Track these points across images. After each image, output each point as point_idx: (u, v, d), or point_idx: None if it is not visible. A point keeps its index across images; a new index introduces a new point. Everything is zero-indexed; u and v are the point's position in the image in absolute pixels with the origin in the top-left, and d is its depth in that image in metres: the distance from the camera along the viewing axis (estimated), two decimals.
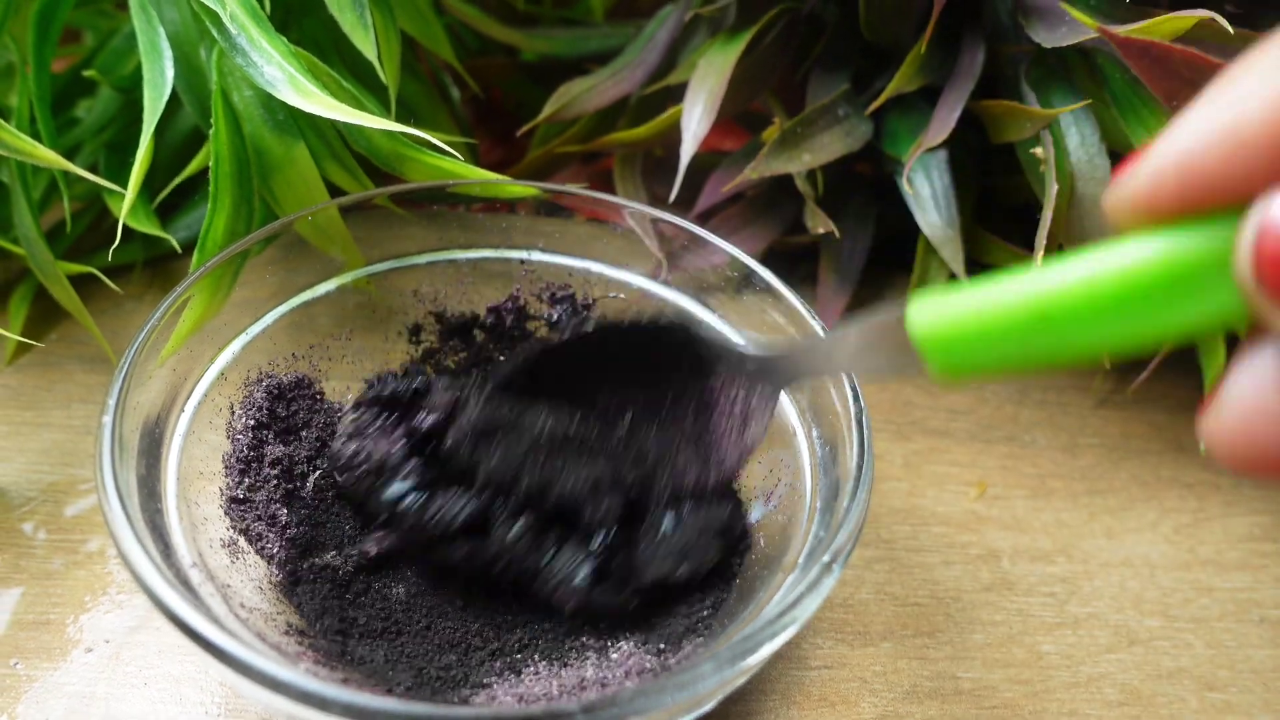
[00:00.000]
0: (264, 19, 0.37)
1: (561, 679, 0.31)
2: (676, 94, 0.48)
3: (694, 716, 0.30)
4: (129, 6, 0.40)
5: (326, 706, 0.24)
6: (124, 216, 0.38)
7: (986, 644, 0.38)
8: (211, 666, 0.29)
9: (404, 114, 0.49)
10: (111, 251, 0.41)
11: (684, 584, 0.34)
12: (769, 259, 0.42)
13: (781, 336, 0.33)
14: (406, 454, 0.35)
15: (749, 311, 0.38)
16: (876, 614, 0.38)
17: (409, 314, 0.41)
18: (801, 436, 0.36)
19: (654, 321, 0.34)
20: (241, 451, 0.36)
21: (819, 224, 0.46)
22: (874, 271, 0.52)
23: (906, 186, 0.44)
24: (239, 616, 0.30)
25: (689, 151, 0.45)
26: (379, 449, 0.35)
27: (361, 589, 0.35)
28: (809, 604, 0.28)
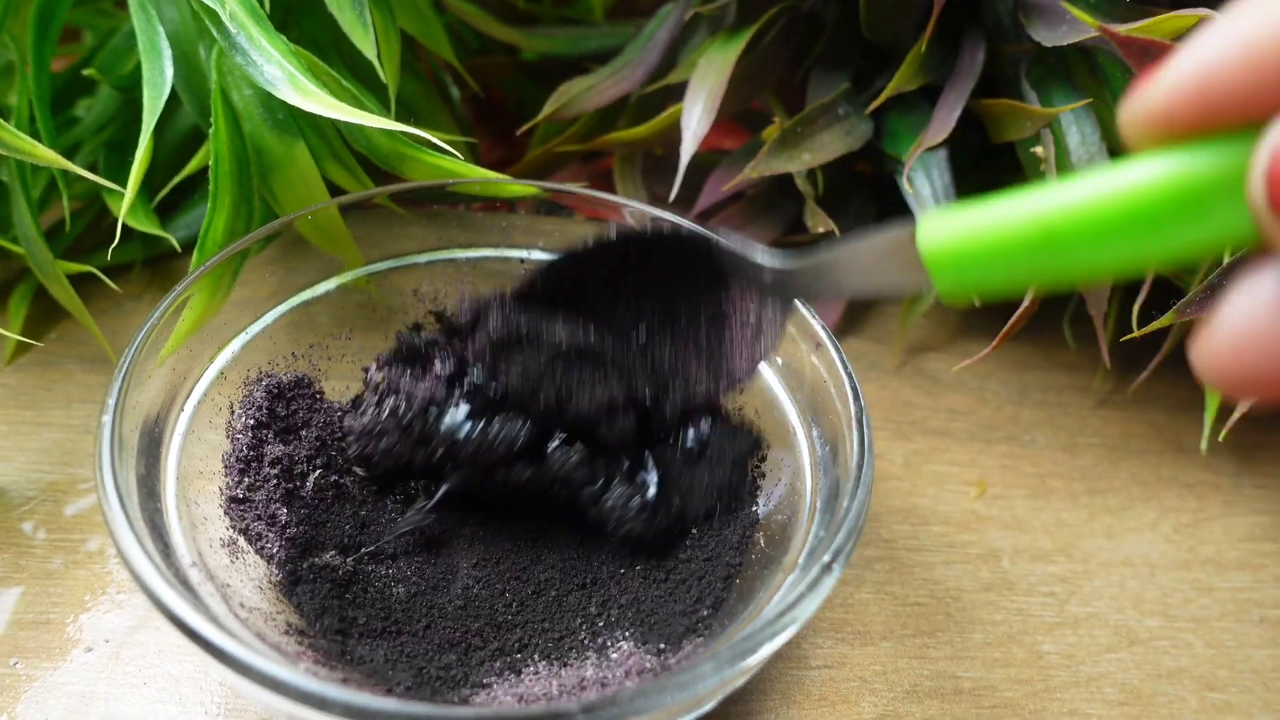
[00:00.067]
0: (263, 18, 0.37)
1: (561, 679, 0.31)
2: (676, 93, 0.48)
3: (694, 716, 0.30)
4: (128, 5, 0.40)
5: (326, 706, 0.24)
6: (123, 215, 0.38)
7: (986, 643, 0.38)
8: (211, 666, 0.29)
9: (404, 113, 0.49)
10: (111, 251, 0.41)
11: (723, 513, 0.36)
12: None
13: (796, 252, 0.33)
14: (449, 388, 0.35)
15: None
16: (876, 614, 0.38)
17: (409, 313, 0.41)
18: (801, 436, 0.36)
19: (674, 231, 0.34)
20: (241, 451, 0.36)
21: (819, 223, 0.46)
22: None
23: (907, 186, 0.44)
24: (239, 616, 0.30)
25: (689, 150, 0.45)
26: (419, 391, 0.35)
27: (361, 589, 0.35)
28: (809, 604, 0.28)
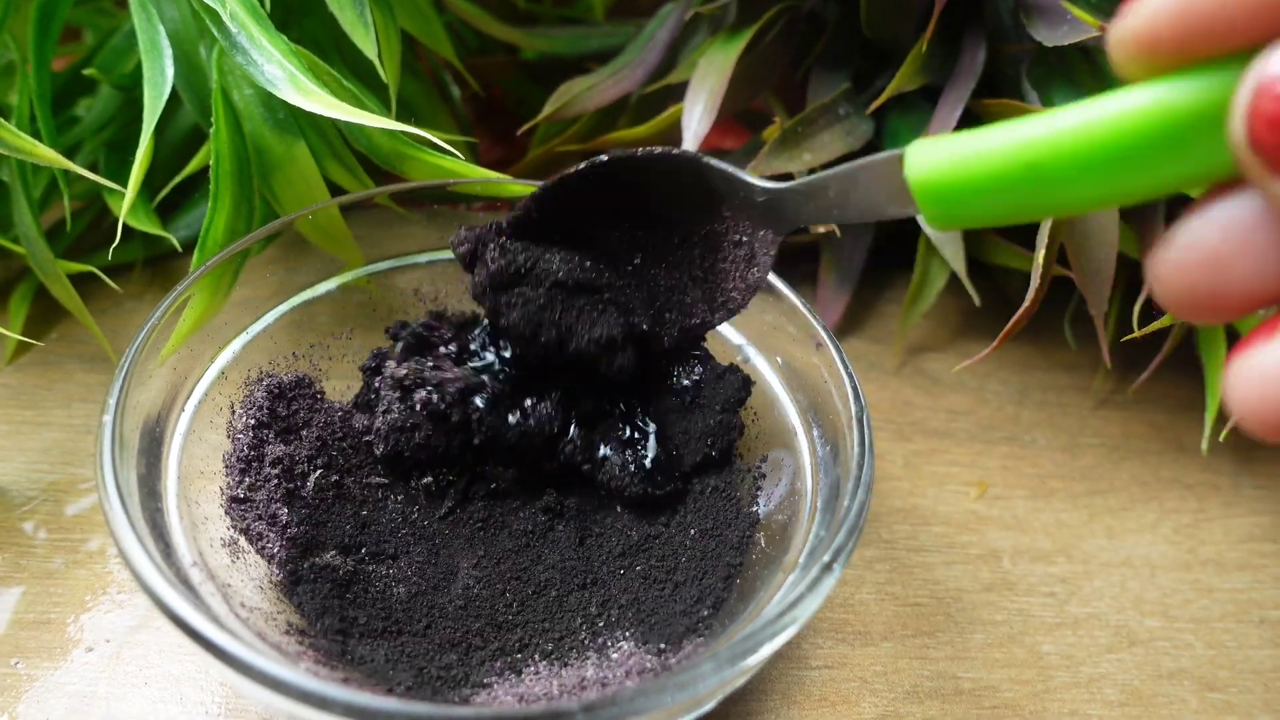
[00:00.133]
0: (264, 17, 0.37)
1: (561, 679, 0.31)
2: (677, 93, 0.48)
3: (694, 716, 0.30)
4: (129, 5, 0.40)
5: (327, 706, 0.24)
6: (124, 215, 0.38)
7: (987, 644, 0.38)
8: (212, 666, 0.29)
9: (404, 113, 0.49)
10: (111, 250, 0.41)
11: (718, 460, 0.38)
12: None
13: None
14: (475, 371, 0.36)
15: (749, 311, 0.38)
16: (877, 614, 0.38)
17: (409, 313, 0.41)
18: (802, 436, 0.36)
19: (665, 153, 0.33)
20: (242, 451, 0.36)
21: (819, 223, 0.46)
22: (874, 271, 0.52)
23: None
24: (239, 616, 0.30)
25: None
26: (449, 380, 0.35)
27: (362, 589, 0.35)
28: (809, 604, 0.28)
